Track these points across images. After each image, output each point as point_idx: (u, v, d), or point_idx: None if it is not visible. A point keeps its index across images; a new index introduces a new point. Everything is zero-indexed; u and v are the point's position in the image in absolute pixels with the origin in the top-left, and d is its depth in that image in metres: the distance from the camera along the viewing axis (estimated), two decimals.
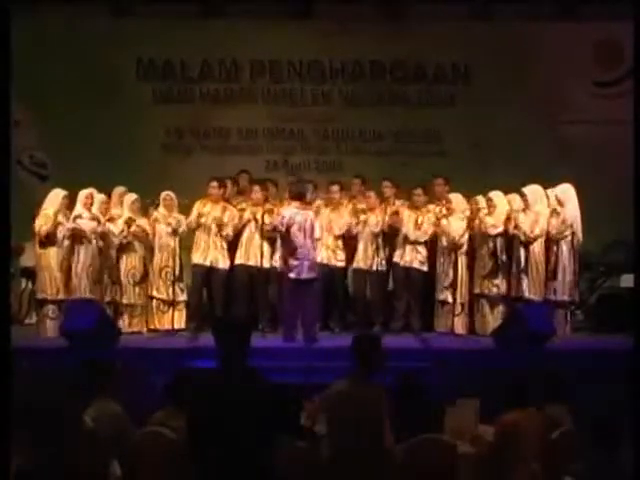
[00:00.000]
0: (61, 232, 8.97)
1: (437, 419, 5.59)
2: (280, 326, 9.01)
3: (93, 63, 11.30)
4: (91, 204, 9.09)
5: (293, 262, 8.53)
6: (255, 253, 9.23)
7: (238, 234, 9.34)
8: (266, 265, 9.18)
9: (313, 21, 11.83)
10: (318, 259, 8.97)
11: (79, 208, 9.05)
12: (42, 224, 8.91)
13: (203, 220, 9.26)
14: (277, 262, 9.12)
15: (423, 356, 8.14)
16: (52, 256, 8.98)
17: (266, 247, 9.19)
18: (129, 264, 9.23)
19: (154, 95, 11.82)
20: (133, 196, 9.41)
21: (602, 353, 8.09)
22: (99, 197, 9.21)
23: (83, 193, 9.12)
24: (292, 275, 8.53)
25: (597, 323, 9.50)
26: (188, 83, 11.85)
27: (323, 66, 11.94)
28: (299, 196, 8.77)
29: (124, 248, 9.21)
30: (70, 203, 9.11)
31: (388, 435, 5.08)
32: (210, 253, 9.29)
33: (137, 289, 9.25)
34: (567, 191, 9.07)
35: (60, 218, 9.01)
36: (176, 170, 11.25)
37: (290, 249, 8.56)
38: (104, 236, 9.05)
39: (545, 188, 9.18)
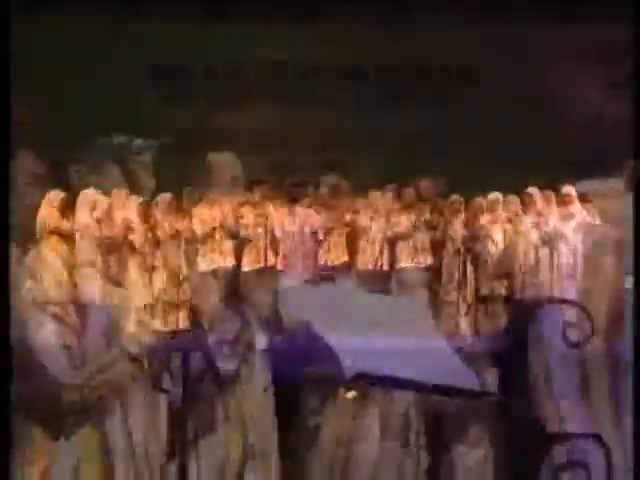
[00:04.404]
0: (60, 232, 8.98)
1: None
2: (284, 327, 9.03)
3: (97, 64, 11.29)
4: (94, 205, 9.13)
5: (293, 264, 8.57)
6: (260, 254, 9.26)
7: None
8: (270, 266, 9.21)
9: (318, 23, 11.83)
10: (322, 260, 9.00)
11: (81, 209, 9.08)
12: (42, 225, 8.94)
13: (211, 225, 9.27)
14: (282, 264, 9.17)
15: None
16: (53, 257, 8.99)
17: (270, 248, 9.22)
18: (136, 265, 9.26)
19: (159, 96, 11.82)
20: (140, 198, 9.45)
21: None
22: (102, 199, 9.24)
23: (85, 194, 9.15)
24: (290, 277, 8.62)
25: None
26: (192, 85, 11.86)
27: (328, 68, 11.95)
28: (297, 199, 8.84)
29: (130, 249, 9.25)
30: (69, 204, 9.13)
31: None
32: (216, 254, 9.29)
33: (143, 290, 9.29)
34: (572, 192, 9.08)
35: (61, 219, 9.02)
36: (181, 172, 11.25)
37: (291, 251, 8.60)
38: (107, 237, 9.07)
39: (550, 190, 9.18)
